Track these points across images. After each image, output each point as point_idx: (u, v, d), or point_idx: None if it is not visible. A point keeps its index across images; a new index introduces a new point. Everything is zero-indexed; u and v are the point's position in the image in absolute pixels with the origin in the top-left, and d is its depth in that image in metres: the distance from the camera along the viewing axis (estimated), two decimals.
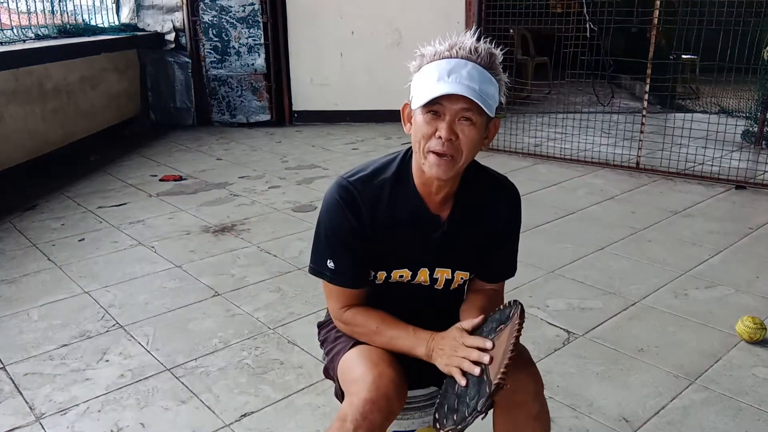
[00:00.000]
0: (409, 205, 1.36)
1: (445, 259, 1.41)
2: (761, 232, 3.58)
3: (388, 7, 6.42)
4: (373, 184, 1.35)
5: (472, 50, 1.23)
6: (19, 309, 2.75)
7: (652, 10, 4.63)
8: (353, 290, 1.39)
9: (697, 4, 4.81)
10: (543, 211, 3.89)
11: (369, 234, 1.35)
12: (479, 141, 1.27)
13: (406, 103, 1.31)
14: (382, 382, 1.23)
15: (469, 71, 1.21)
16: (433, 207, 1.37)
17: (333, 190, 1.36)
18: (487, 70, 1.23)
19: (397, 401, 1.24)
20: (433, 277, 1.43)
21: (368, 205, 1.34)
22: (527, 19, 6.50)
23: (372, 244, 1.36)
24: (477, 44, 1.25)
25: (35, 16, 5.46)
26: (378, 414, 1.20)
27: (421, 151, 1.26)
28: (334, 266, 1.35)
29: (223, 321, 2.65)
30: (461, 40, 1.25)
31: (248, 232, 3.66)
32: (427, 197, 1.36)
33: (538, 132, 5.59)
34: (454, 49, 1.24)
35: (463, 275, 1.44)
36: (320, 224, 1.38)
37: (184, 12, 6.47)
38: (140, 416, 2.04)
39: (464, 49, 1.23)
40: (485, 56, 1.24)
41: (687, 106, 6.91)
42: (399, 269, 1.40)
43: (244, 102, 6.65)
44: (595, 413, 2.03)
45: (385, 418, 1.22)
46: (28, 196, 4.30)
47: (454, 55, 1.23)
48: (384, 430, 1.24)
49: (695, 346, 2.43)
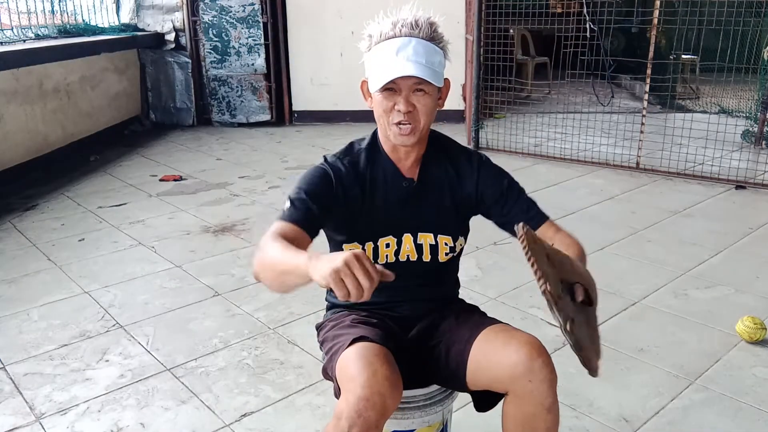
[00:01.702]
0: (383, 170, 1.46)
1: (424, 222, 1.47)
2: (761, 232, 3.58)
3: (388, 7, 6.41)
4: (352, 153, 1.48)
5: (413, 25, 1.34)
6: (19, 309, 2.75)
7: (652, 10, 4.63)
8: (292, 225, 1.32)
9: (697, 4, 4.81)
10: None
11: (352, 201, 1.42)
12: (434, 106, 1.39)
13: (364, 80, 1.42)
14: (377, 380, 1.23)
15: (414, 47, 1.32)
16: (405, 170, 1.47)
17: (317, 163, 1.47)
18: (430, 42, 1.34)
19: (392, 399, 1.23)
20: (417, 243, 1.47)
21: (350, 168, 1.43)
22: (527, 19, 6.52)
23: (355, 212, 1.43)
24: (417, 17, 1.34)
25: (35, 16, 5.45)
26: (372, 411, 1.20)
27: (386, 124, 1.38)
28: (290, 206, 1.37)
29: (223, 321, 2.65)
30: (402, 17, 1.35)
31: (248, 232, 3.66)
32: (398, 162, 1.46)
33: (538, 132, 5.59)
34: (397, 26, 1.34)
35: (446, 240, 1.48)
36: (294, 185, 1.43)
37: (184, 12, 6.47)
38: (140, 416, 2.04)
39: (406, 25, 1.33)
40: (426, 28, 1.34)
41: (687, 106, 6.92)
42: (384, 237, 1.45)
43: (244, 102, 6.65)
44: (595, 413, 2.03)
45: (380, 416, 1.22)
46: (28, 196, 4.30)
47: (399, 34, 1.33)
48: (379, 427, 1.23)
49: (695, 346, 2.43)
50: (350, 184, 1.42)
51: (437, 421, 1.53)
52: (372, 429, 1.21)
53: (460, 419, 1.92)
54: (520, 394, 1.32)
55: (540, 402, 1.31)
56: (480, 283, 2.87)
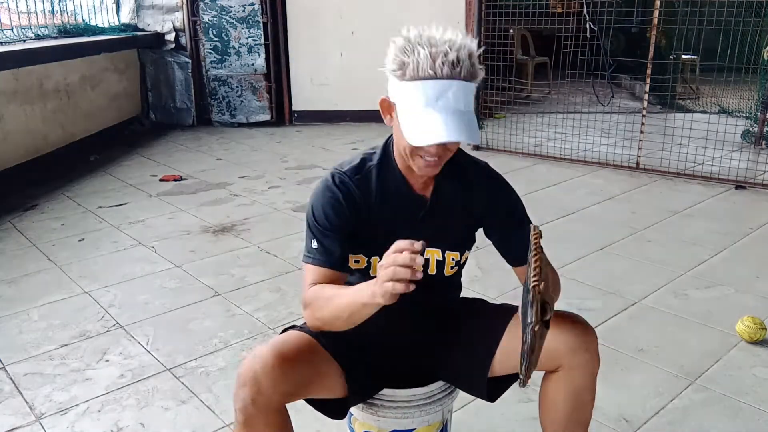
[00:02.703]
0: (395, 186, 1.41)
1: (433, 239, 1.43)
2: (761, 232, 3.58)
3: (388, 7, 6.41)
4: (363, 171, 1.42)
5: (455, 63, 1.20)
6: (19, 309, 2.75)
7: (652, 10, 4.63)
8: (328, 270, 1.37)
9: (697, 4, 4.81)
10: (543, 211, 3.89)
11: (362, 218, 1.39)
12: None
13: (384, 98, 1.33)
14: (254, 360, 1.25)
15: (455, 93, 1.21)
16: (417, 187, 1.42)
17: (325, 180, 1.42)
18: (470, 81, 1.24)
19: (267, 380, 1.23)
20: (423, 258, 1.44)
21: (361, 189, 1.39)
22: (527, 19, 6.51)
23: (363, 227, 1.39)
24: (459, 52, 1.21)
25: (35, 16, 5.45)
26: (244, 389, 1.23)
27: (408, 155, 1.31)
28: (317, 246, 1.37)
29: (223, 321, 2.65)
30: (442, 49, 1.20)
31: (248, 232, 3.66)
32: (411, 178, 1.41)
33: (538, 132, 5.59)
34: (437, 63, 1.19)
35: (453, 255, 1.46)
36: (310, 210, 1.42)
37: (184, 12, 6.47)
38: (140, 416, 2.04)
39: (447, 64, 1.20)
40: (467, 65, 1.22)
41: (687, 106, 6.91)
42: None
43: (244, 102, 6.65)
44: (595, 413, 2.01)
45: (256, 394, 1.23)
46: (28, 196, 4.30)
47: (438, 74, 1.20)
48: (259, 405, 1.24)
49: (695, 346, 2.43)
50: (361, 203, 1.39)
51: (437, 420, 1.53)
52: (248, 406, 1.24)
53: (460, 419, 1.92)
54: (576, 365, 1.36)
55: (591, 372, 1.38)
56: (480, 283, 2.87)
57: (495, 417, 2.01)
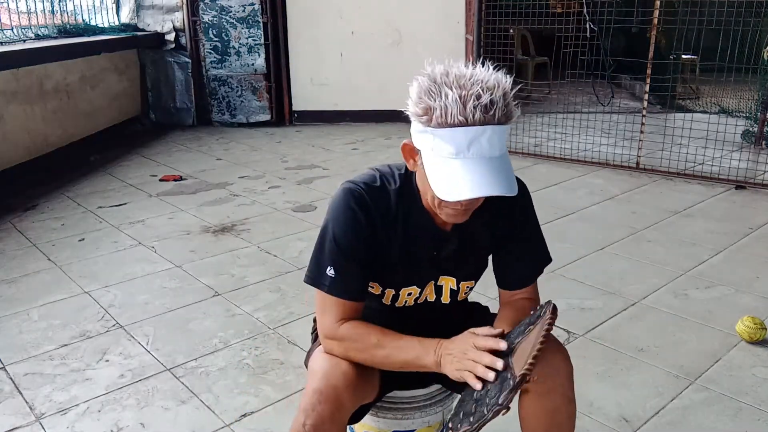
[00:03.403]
0: (416, 219, 1.32)
1: (451, 271, 1.40)
2: (761, 232, 3.58)
3: (388, 7, 6.41)
4: (384, 193, 1.31)
5: (488, 107, 1.08)
6: (19, 309, 2.75)
7: (652, 10, 4.63)
8: (351, 302, 1.30)
9: (697, 4, 4.82)
10: (543, 211, 3.85)
11: (380, 243, 1.30)
12: None
13: (406, 142, 1.22)
14: (333, 374, 1.23)
15: (489, 138, 1.10)
16: (438, 221, 1.32)
17: (345, 195, 1.29)
18: (505, 124, 1.13)
19: (347, 393, 1.23)
20: (437, 285, 1.41)
21: (381, 212, 1.29)
22: (527, 19, 6.51)
23: (381, 256, 1.31)
24: (492, 94, 1.09)
25: (35, 16, 5.46)
26: (325, 405, 1.20)
27: (434, 204, 1.23)
28: (335, 274, 1.27)
29: (223, 321, 2.65)
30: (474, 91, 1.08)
31: (248, 232, 3.66)
32: (435, 216, 1.31)
33: (538, 132, 5.59)
34: (468, 108, 1.08)
35: (468, 284, 1.45)
36: (326, 229, 1.30)
37: (184, 12, 6.47)
38: (140, 416, 2.04)
39: (480, 108, 1.08)
40: (501, 107, 1.10)
41: (687, 106, 6.92)
42: (407, 287, 1.39)
43: (244, 102, 6.65)
44: (595, 413, 2.03)
45: (335, 409, 1.21)
46: (28, 196, 4.30)
47: (470, 121, 1.08)
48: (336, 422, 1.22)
49: (695, 346, 2.43)
50: (381, 229, 1.30)
51: (437, 421, 1.53)
52: (326, 422, 1.20)
53: None
54: (545, 390, 1.29)
55: (563, 394, 1.30)
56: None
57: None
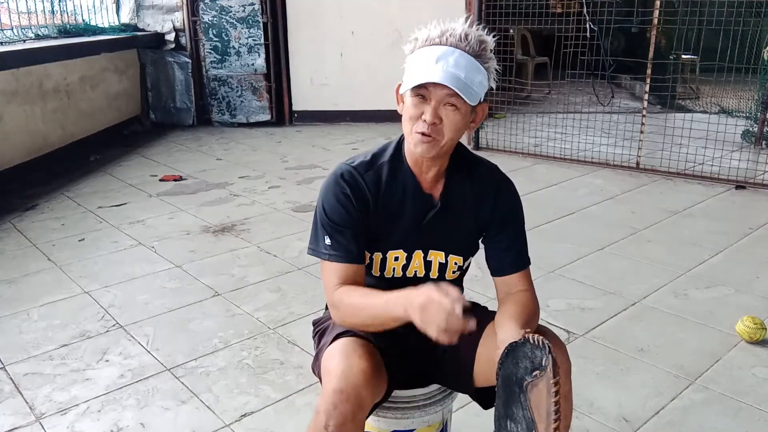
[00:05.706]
0: (404, 184, 1.41)
1: (438, 241, 1.44)
2: (761, 232, 3.58)
3: (388, 7, 6.41)
4: (374, 167, 1.41)
5: (462, 37, 1.27)
6: (19, 309, 2.75)
7: (652, 10, 4.63)
8: (348, 265, 1.38)
9: (697, 4, 4.81)
10: (543, 211, 3.89)
11: (369, 212, 1.39)
12: (463, 125, 1.33)
13: (400, 83, 1.36)
14: (352, 372, 1.24)
15: (456, 59, 1.26)
16: (426, 186, 1.41)
17: (335, 174, 1.40)
18: (475, 58, 1.28)
19: (367, 391, 1.23)
20: (426, 260, 1.44)
21: (370, 185, 1.39)
22: (527, 19, 6.51)
23: (371, 222, 1.39)
24: (468, 31, 1.28)
25: (35, 16, 5.46)
26: (347, 404, 1.21)
27: (410, 130, 1.33)
28: (331, 242, 1.37)
29: (223, 321, 2.65)
30: (453, 27, 1.29)
31: (248, 232, 3.66)
32: (420, 175, 1.41)
33: (538, 132, 5.59)
34: (445, 35, 1.28)
35: (456, 260, 1.46)
36: (319, 205, 1.41)
37: (184, 12, 6.47)
38: (140, 416, 2.04)
39: (454, 36, 1.28)
40: (474, 44, 1.28)
41: (687, 106, 6.91)
42: (395, 250, 1.43)
43: (244, 102, 6.65)
44: (595, 413, 2.03)
45: (357, 408, 1.22)
46: (28, 196, 4.30)
47: (444, 42, 1.28)
48: (357, 420, 1.23)
49: (695, 346, 2.43)
50: (369, 199, 1.39)
51: (437, 421, 1.53)
52: (348, 422, 1.21)
53: (460, 419, 1.92)
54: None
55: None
56: (480, 283, 2.87)
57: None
